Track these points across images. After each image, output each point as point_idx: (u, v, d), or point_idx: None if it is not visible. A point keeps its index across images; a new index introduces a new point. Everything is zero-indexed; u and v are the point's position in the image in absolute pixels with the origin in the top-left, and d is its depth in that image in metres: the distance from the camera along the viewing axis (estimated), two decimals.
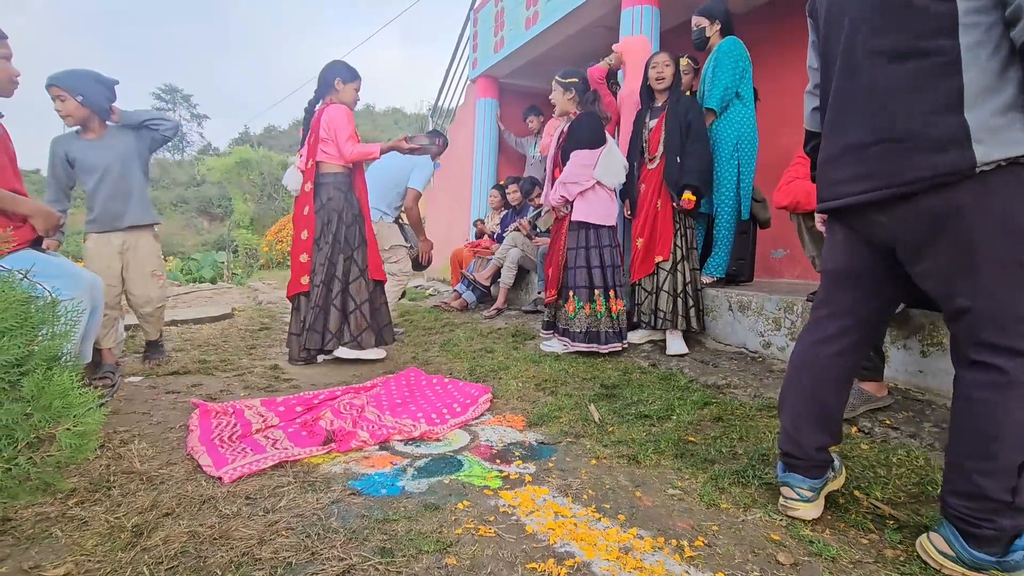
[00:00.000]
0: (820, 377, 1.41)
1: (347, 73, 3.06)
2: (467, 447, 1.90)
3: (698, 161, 2.96)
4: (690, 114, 3.02)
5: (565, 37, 5.23)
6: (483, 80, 6.57)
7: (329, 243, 2.99)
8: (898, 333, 2.24)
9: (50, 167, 2.66)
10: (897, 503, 1.49)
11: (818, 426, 1.41)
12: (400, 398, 2.42)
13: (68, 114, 2.55)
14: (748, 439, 1.90)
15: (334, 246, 3.00)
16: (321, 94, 3.08)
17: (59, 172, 2.65)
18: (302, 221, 3.02)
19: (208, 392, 2.50)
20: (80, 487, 1.50)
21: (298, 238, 3.03)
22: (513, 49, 5.69)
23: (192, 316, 4.35)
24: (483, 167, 6.55)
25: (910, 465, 1.68)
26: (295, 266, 3.03)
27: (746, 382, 2.49)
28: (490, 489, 1.57)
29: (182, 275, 11.86)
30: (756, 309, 2.88)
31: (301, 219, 3.03)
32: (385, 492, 1.54)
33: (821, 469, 1.43)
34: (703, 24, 3.25)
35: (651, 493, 1.57)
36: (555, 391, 2.50)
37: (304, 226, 3.01)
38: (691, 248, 3.09)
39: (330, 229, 3.00)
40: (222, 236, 17.77)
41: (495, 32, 6.11)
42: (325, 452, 1.82)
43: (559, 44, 5.39)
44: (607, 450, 1.85)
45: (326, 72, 3.06)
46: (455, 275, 5.47)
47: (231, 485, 1.55)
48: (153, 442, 1.87)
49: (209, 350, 3.35)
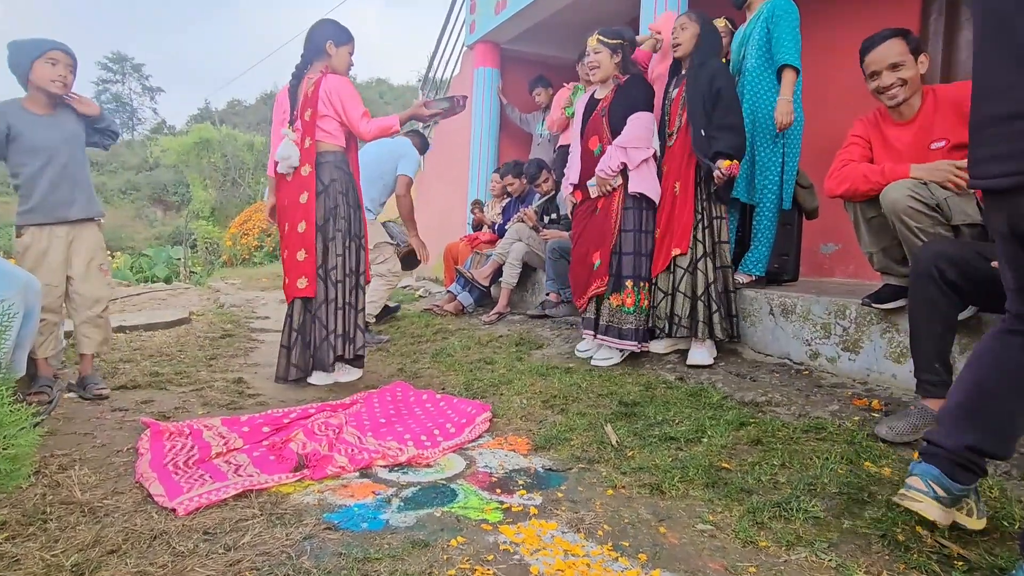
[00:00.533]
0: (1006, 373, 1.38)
1: (340, 34, 3.05)
2: (462, 474, 1.90)
3: (730, 133, 2.88)
4: (717, 80, 2.93)
5: None
6: (482, 47, 6.58)
7: (342, 231, 2.99)
8: (968, 342, 2.23)
9: None
10: (967, 541, 1.48)
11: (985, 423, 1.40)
12: (384, 417, 2.43)
13: (68, 87, 2.64)
14: (792, 466, 1.89)
15: (347, 234, 3.01)
16: (309, 59, 3.06)
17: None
18: (299, 211, 2.95)
19: (161, 409, 2.51)
20: (11, 519, 1.50)
21: (292, 232, 2.97)
22: (517, 10, 5.69)
23: (143, 321, 4.38)
24: (482, 147, 6.56)
25: (982, 496, 1.66)
26: (291, 266, 2.98)
27: (789, 399, 2.48)
28: (489, 523, 1.56)
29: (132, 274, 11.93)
30: (802, 313, 2.88)
31: (298, 209, 2.95)
32: (366, 526, 1.54)
33: (966, 473, 1.41)
34: None
35: (677, 528, 1.56)
36: (565, 409, 2.50)
37: (302, 217, 2.94)
38: (719, 242, 3.02)
39: (338, 214, 3.00)
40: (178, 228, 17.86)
41: None
42: (296, 480, 1.83)
43: (571, 5, 5.39)
44: (626, 478, 1.85)
45: (314, 33, 3.04)
46: (449, 273, 5.47)
47: (187, 518, 1.55)
48: (96, 468, 1.88)
49: (162, 361, 3.36)
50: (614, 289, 3.13)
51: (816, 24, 4.40)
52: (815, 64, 4.35)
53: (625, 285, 3.10)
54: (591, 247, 3.22)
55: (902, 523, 1.53)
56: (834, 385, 2.57)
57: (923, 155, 2.23)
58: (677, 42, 3.08)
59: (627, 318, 3.10)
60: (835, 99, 4.21)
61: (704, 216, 3.01)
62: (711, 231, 3.02)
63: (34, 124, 2.62)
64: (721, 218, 3.04)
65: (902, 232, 2.15)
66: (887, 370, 2.51)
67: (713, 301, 2.97)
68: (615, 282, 3.13)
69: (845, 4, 4.26)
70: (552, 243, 4.35)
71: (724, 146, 2.84)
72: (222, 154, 15.73)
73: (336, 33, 3.04)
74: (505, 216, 5.38)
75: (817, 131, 4.23)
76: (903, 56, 2.23)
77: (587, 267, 3.23)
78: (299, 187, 2.96)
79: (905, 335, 2.34)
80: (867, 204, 2.32)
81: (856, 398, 2.39)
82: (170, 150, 16.50)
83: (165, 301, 6.04)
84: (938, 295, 1.92)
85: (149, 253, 14.32)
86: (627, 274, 3.11)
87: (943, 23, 3.82)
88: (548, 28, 5.98)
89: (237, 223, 12.12)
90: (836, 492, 1.71)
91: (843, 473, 1.81)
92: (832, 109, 4.22)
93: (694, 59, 3.06)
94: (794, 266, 3.44)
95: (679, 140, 3.08)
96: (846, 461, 1.89)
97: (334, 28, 3.06)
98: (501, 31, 6.23)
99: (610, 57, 3.18)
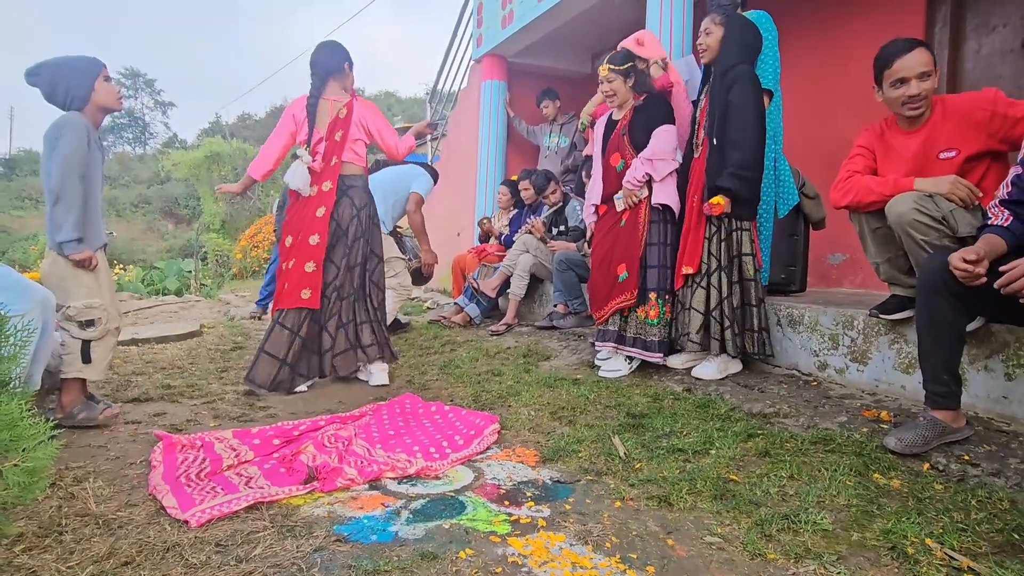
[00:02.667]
0: None
1: (350, 56, 3.26)
2: (471, 486, 1.91)
3: (735, 151, 2.80)
4: (733, 89, 2.82)
5: (584, 9, 5.28)
6: (489, 60, 6.65)
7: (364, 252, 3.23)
8: (977, 352, 2.22)
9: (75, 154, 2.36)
10: (977, 554, 1.48)
11: None
12: (393, 429, 2.44)
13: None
14: (800, 478, 1.89)
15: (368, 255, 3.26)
16: (324, 79, 3.18)
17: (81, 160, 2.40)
18: (314, 224, 3.07)
19: (173, 422, 2.53)
20: (28, 531, 1.53)
21: (303, 243, 3.06)
22: (523, 24, 5.75)
23: (155, 334, 4.42)
24: (489, 160, 6.60)
25: (992, 508, 1.65)
26: (296, 276, 3.05)
27: (798, 410, 2.47)
28: (497, 535, 1.57)
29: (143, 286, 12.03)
30: (809, 324, 2.87)
31: (314, 222, 3.08)
32: (375, 539, 1.55)
33: None
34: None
35: (685, 541, 1.56)
36: (573, 420, 2.50)
37: (316, 230, 3.06)
38: (739, 255, 2.88)
39: (370, 238, 3.26)
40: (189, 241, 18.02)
41: (503, 5, 6.18)
42: (307, 492, 1.84)
43: (577, 17, 5.44)
44: (634, 490, 1.85)
45: (330, 56, 3.19)
46: (457, 285, 5.50)
47: (199, 530, 1.57)
48: (110, 480, 1.90)
49: (174, 373, 3.39)
50: (640, 302, 3.15)
51: (823, 37, 4.43)
52: (822, 76, 4.38)
53: (649, 298, 3.13)
54: (616, 259, 3.22)
55: (912, 536, 1.53)
56: (842, 396, 2.56)
57: (930, 164, 2.24)
58: (703, 47, 3.04)
59: (651, 330, 3.11)
60: (843, 110, 4.23)
61: (722, 228, 2.90)
62: (728, 244, 2.88)
63: (95, 145, 2.49)
64: (742, 230, 2.89)
65: (908, 245, 2.15)
66: (896, 381, 2.50)
67: (726, 317, 2.87)
68: (641, 295, 3.15)
69: (850, 16, 4.28)
70: (559, 255, 4.37)
71: (724, 180, 2.80)
72: (232, 167, 15.92)
73: (348, 55, 3.24)
74: (513, 228, 5.41)
75: (825, 142, 4.25)
76: (930, 67, 2.20)
77: (610, 279, 3.23)
78: (318, 202, 3.07)
79: (913, 346, 2.34)
80: (872, 215, 2.32)
81: (865, 409, 2.38)
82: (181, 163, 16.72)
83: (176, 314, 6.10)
84: (945, 307, 1.92)
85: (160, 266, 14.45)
86: (652, 287, 3.13)
87: (948, 33, 3.83)
88: (554, 41, 6.03)
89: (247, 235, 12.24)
90: (845, 504, 1.71)
91: (852, 485, 1.81)
92: (839, 120, 4.24)
93: (718, 66, 2.97)
94: (801, 276, 3.43)
95: (703, 152, 3.02)
96: (855, 473, 1.88)
97: (345, 50, 3.24)
98: (508, 45, 6.29)
99: (624, 82, 3.24)
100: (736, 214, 2.87)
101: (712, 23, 3.00)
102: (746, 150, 2.79)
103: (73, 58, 2.48)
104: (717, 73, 2.96)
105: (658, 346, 3.09)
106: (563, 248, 4.43)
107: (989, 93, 2.17)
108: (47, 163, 2.38)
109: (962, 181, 2.09)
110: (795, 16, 4.48)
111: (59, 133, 2.36)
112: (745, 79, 2.85)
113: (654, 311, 3.11)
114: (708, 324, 2.93)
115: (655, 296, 3.11)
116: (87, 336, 2.40)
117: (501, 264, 4.84)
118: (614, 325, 3.22)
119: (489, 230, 5.70)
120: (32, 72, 2.43)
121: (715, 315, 2.90)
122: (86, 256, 2.38)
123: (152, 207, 24.14)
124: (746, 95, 2.83)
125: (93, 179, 2.45)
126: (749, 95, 2.83)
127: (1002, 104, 2.13)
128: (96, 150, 2.47)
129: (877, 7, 4.12)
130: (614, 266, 3.22)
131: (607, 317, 3.23)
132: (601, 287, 3.29)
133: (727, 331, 2.88)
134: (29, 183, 25.16)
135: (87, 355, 2.41)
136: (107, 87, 2.51)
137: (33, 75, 2.43)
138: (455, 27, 7.52)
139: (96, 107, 2.49)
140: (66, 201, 2.33)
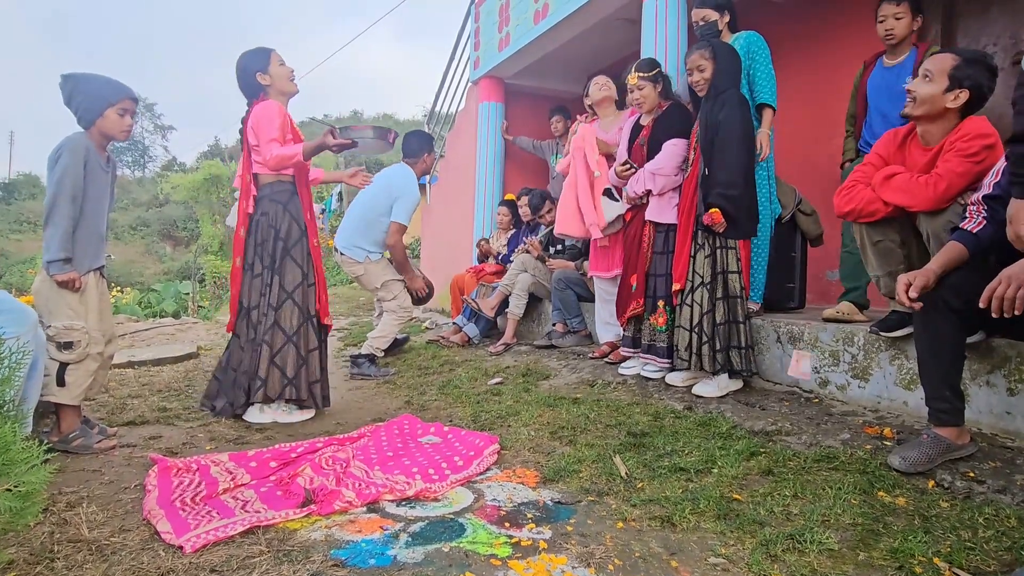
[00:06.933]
0: None
1: (260, 60, 2.93)
2: (470, 508, 1.89)
3: (725, 173, 2.87)
4: (722, 112, 2.90)
5: (580, 32, 5.34)
6: (486, 82, 6.72)
7: (266, 266, 2.93)
8: (979, 367, 2.22)
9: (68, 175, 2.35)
10: (986, 573, 1.46)
11: None
12: (392, 450, 2.42)
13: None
14: (804, 496, 1.87)
15: (272, 270, 2.92)
16: (250, 96, 3.00)
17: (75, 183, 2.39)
18: (239, 245, 3.01)
19: (169, 445, 2.51)
20: (19, 558, 1.50)
21: (234, 265, 3.03)
22: (520, 47, 5.83)
23: (151, 356, 4.39)
24: (487, 180, 6.64)
25: (999, 526, 1.64)
26: (232, 299, 3.05)
27: (800, 427, 2.46)
28: (498, 558, 1.55)
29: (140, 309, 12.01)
30: (809, 341, 2.87)
31: (239, 243, 3.01)
32: (374, 563, 1.53)
33: None
34: (713, 17, 3.33)
35: (689, 562, 1.54)
36: (574, 440, 2.48)
37: (239, 252, 3.00)
38: (724, 272, 2.91)
39: (265, 249, 2.92)
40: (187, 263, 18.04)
41: (499, 28, 6.27)
42: (304, 515, 1.82)
43: (573, 40, 5.51)
44: (636, 510, 1.83)
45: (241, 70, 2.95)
46: (455, 305, 5.49)
47: (194, 555, 1.55)
48: (104, 505, 1.88)
49: (170, 396, 3.37)
50: (650, 310, 3.27)
51: (824, 55, 4.48)
52: (822, 94, 4.43)
53: (658, 306, 3.23)
54: (630, 269, 3.47)
55: (919, 555, 1.51)
56: (844, 413, 2.54)
57: None
58: (700, 84, 3.03)
59: (661, 336, 3.21)
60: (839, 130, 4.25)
61: (706, 245, 2.95)
62: (713, 260, 2.93)
63: (98, 168, 2.50)
64: (727, 248, 2.92)
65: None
66: (898, 397, 2.49)
67: (704, 332, 2.91)
68: (651, 303, 3.27)
69: (851, 37, 4.34)
70: (558, 273, 4.37)
71: (714, 198, 2.88)
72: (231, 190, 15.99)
73: (257, 60, 2.94)
74: (511, 247, 5.42)
75: (821, 159, 4.28)
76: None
77: (626, 288, 3.49)
78: (242, 222, 3.02)
79: (914, 361, 2.33)
80: (873, 228, 2.33)
81: (867, 426, 2.36)
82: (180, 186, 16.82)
83: (173, 336, 6.07)
84: (943, 323, 1.92)
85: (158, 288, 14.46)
86: (660, 295, 3.23)
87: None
88: (551, 63, 6.10)
89: None
90: (850, 523, 1.69)
91: (857, 503, 1.79)
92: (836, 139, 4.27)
93: (712, 90, 3.01)
94: (800, 293, 3.44)
95: (692, 172, 3.11)
96: (859, 491, 1.86)
97: (253, 56, 2.95)
98: (505, 67, 6.37)
99: (654, 88, 3.38)
100: (724, 232, 2.93)
101: (702, 59, 3.02)
102: (733, 170, 2.89)
103: (101, 80, 2.49)
104: (710, 96, 3.03)
105: (666, 352, 3.18)
106: (562, 267, 4.44)
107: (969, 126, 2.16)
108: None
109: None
110: (793, 40, 4.55)
111: (59, 154, 2.38)
112: (734, 101, 2.97)
113: (662, 318, 3.21)
114: (691, 341, 2.98)
115: (663, 304, 3.21)
116: (63, 358, 2.35)
117: (499, 283, 4.84)
118: (631, 332, 3.42)
119: (487, 251, 5.72)
120: (64, 76, 2.48)
121: (696, 331, 2.96)
122: (70, 277, 2.35)
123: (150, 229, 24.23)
124: (734, 117, 2.94)
125: (91, 200, 2.45)
126: (737, 117, 2.95)
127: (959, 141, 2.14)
128: (99, 171, 2.48)
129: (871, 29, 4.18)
130: (629, 276, 3.47)
131: (625, 324, 3.46)
132: (622, 295, 3.53)
133: (704, 346, 2.92)
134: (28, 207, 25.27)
135: (61, 378, 2.35)
136: (116, 119, 2.49)
137: (63, 79, 2.47)
138: (453, 50, 7.62)
139: (99, 132, 2.50)
140: (54, 221, 2.33)
